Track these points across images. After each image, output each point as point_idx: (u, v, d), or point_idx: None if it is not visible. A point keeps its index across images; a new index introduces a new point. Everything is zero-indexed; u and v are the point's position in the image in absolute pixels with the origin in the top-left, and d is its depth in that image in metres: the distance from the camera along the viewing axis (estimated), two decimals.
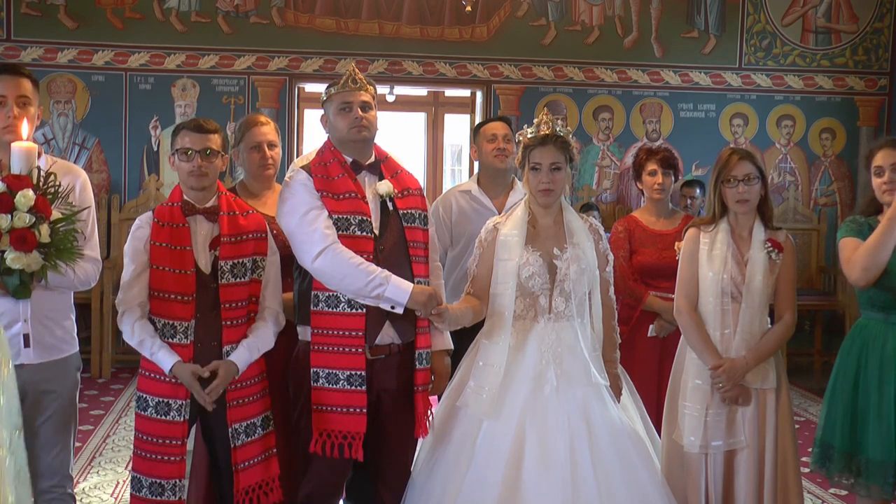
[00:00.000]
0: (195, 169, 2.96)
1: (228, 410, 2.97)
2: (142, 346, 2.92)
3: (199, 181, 2.98)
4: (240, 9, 7.30)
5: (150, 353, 2.91)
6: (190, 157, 2.96)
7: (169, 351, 2.89)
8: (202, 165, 2.96)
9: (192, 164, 2.96)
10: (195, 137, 2.97)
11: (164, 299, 2.93)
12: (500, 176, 4.17)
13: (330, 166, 3.08)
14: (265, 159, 3.42)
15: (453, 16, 7.48)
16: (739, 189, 3.24)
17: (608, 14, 7.65)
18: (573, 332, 3.13)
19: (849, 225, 3.32)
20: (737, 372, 3.20)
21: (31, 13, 7.10)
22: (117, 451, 5.08)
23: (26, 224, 2.58)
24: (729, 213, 3.32)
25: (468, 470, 3.00)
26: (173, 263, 2.93)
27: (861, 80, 7.88)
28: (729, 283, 3.25)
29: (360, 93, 3.10)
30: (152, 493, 2.91)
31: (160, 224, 2.96)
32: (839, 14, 7.85)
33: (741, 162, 3.26)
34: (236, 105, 7.33)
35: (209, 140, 2.99)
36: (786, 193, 7.83)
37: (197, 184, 2.98)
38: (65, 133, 7.20)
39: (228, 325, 2.96)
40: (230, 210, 3.03)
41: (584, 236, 3.21)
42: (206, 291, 2.95)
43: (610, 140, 7.72)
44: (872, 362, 3.19)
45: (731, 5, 7.74)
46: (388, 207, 3.11)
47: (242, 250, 3.00)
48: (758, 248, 3.27)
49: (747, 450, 3.23)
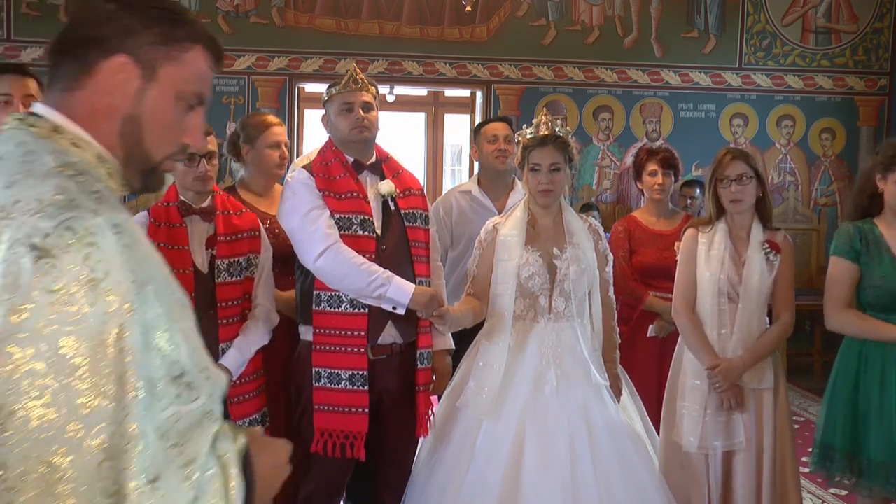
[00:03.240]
0: (202, 174, 2.98)
1: (230, 407, 2.98)
2: None
3: (204, 185, 3.00)
4: (240, 9, 7.30)
5: None
6: (196, 162, 2.97)
7: None
8: (209, 170, 2.99)
9: (200, 168, 2.98)
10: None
11: None
12: (500, 176, 4.17)
13: (331, 166, 3.09)
14: (284, 158, 3.49)
15: (453, 16, 7.48)
16: (732, 189, 3.24)
17: (608, 14, 7.66)
18: (573, 332, 3.13)
19: (841, 239, 3.25)
20: (733, 372, 3.20)
21: (31, 13, 7.10)
22: None
23: None
24: (726, 214, 3.32)
25: (468, 470, 3.00)
26: (171, 263, 2.91)
27: (861, 80, 7.88)
28: (726, 283, 3.25)
29: (362, 93, 3.10)
30: None
31: (157, 224, 2.96)
32: (839, 14, 7.85)
33: (734, 161, 3.26)
34: (236, 105, 7.34)
35: (210, 143, 3.01)
36: (786, 193, 7.83)
37: (203, 187, 3.00)
38: None
39: (224, 322, 2.97)
40: (225, 209, 3.04)
41: (583, 236, 3.21)
42: (204, 290, 2.96)
43: (610, 140, 7.72)
44: (873, 363, 3.18)
45: (731, 5, 7.74)
46: (389, 207, 3.12)
47: (238, 249, 3.01)
48: (755, 248, 3.27)
49: (745, 450, 3.23)
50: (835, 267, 3.22)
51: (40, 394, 1.07)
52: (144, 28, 1.32)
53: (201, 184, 2.99)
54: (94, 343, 1.10)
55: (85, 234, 1.13)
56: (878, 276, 3.15)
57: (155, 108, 1.34)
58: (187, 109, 1.37)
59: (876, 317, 3.19)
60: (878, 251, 3.17)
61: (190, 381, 1.21)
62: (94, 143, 1.31)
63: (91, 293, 1.10)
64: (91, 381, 1.09)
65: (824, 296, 3.26)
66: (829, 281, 3.25)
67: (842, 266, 3.20)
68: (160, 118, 1.34)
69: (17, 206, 1.16)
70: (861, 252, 3.18)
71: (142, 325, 1.15)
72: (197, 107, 1.39)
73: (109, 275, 1.13)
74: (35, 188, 1.18)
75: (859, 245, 3.18)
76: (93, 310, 1.10)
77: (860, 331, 3.17)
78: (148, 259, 1.22)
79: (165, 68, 1.33)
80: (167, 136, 1.37)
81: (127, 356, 1.11)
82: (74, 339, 1.08)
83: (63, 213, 1.14)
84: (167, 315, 1.20)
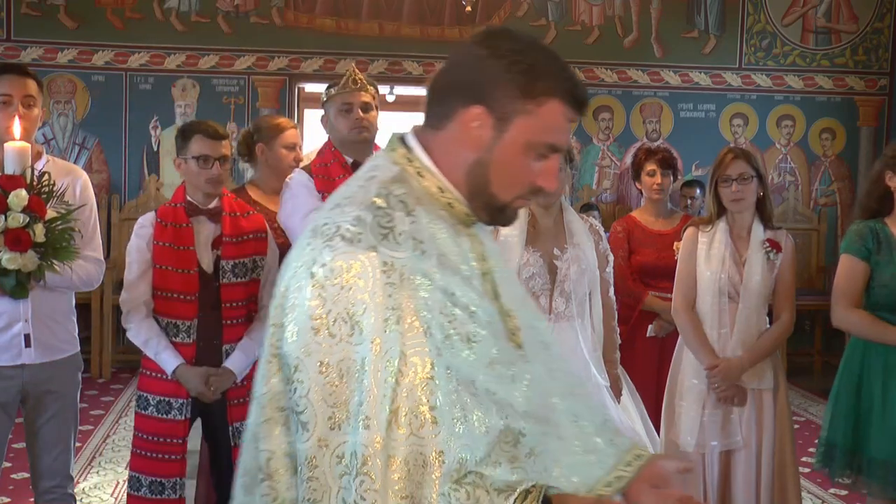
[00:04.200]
0: (215, 177, 2.99)
1: (229, 409, 2.98)
2: (147, 345, 2.93)
3: (216, 187, 3.02)
4: (240, 9, 7.30)
5: (154, 352, 2.92)
6: (209, 165, 2.97)
7: (173, 353, 2.91)
8: (222, 173, 3.01)
9: (213, 171, 2.99)
10: (214, 144, 2.99)
11: (167, 298, 2.94)
12: None
13: (331, 167, 3.09)
14: (298, 160, 3.53)
15: (453, 16, 7.48)
16: (734, 188, 3.24)
17: (608, 14, 7.65)
18: (573, 332, 3.13)
19: (851, 237, 3.24)
20: (733, 372, 3.20)
21: (31, 13, 7.09)
22: (117, 451, 5.08)
23: (20, 224, 2.58)
24: (727, 213, 3.32)
25: None
26: (177, 263, 2.95)
27: (861, 80, 7.88)
28: (726, 282, 3.25)
29: (361, 93, 3.10)
30: (152, 492, 2.92)
31: (163, 224, 2.98)
32: (839, 14, 7.85)
33: (735, 161, 3.26)
34: (236, 105, 7.33)
35: (224, 146, 3.02)
36: (786, 193, 7.83)
37: (215, 190, 3.02)
38: (65, 133, 7.20)
39: (229, 324, 2.98)
40: (232, 211, 3.05)
41: (584, 236, 3.21)
42: (209, 291, 2.97)
43: (610, 140, 7.72)
44: (876, 362, 3.18)
45: (731, 5, 7.74)
46: None
47: (243, 250, 3.01)
48: (756, 248, 3.27)
49: (744, 450, 3.23)
50: (846, 265, 3.21)
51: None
52: (506, 80, 1.40)
53: (213, 186, 3.01)
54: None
55: (348, 268, 1.30)
56: (888, 276, 3.14)
57: (503, 157, 1.42)
58: (538, 158, 1.43)
59: (883, 317, 3.17)
60: (889, 251, 3.16)
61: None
62: (439, 176, 1.45)
63: (346, 326, 1.29)
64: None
65: (832, 292, 3.25)
66: (838, 278, 3.24)
67: (853, 264, 3.19)
68: (507, 166, 1.43)
69: (322, 228, 1.35)
70: (872, 252, 3.17)
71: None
72: (550, 154, 1.45)
73: (367, 311, 1.27)
74: (342, 216, 1.35)
75: (872, 245, 3.18)
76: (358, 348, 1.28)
77: (866, 333, 3.16)
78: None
79: (518, 120, 1.40)
80: (514, 182, 1.45)
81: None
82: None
83: (345, 246, 1.31)
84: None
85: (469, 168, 1.43)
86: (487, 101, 1.40)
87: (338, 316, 1.29)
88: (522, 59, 1.40)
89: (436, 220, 1.40)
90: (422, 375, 1.28)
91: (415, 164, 1.45)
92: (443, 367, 1.29)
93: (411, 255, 1.33)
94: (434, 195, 1.43)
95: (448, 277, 1.34)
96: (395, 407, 1.26)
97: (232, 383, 2.96)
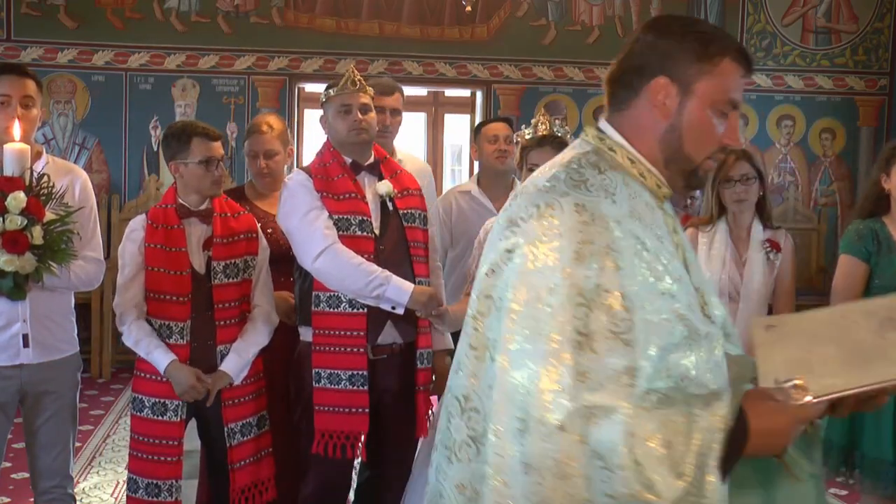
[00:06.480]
0: (219, 178, 3.01)
1: (224, 410, 2.98)
2: (138, 346, 2.93)
3: (219, 189, 3.05)
4: (240, 9, 7.30)
5: (146, 352, 2.92)
6: (213, 167, 2.99)
7: (164, 351, 2.90)
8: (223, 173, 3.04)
9: (217, 172, 3.01)
10: (214, 146, 3.01)
11: (160, 300, 2.94)
12: (500, 177, 4.16)
13: (329, 167, 3.09)
14: (261, 168, 3.46)
15: (453, 16, 7.48)
16: (737, 189, 3.24)
17: (608, 14, 7.65)
18: None
19: (851, 237, 3.25)
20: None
21: (31, 13, 7.10)
22: (117, 451, 5.08)
23: (18, 226, 2.58)
24: (727, 214, 3.32)
25: None
26: (169, 265, 2.94)
27: (861, 80, 7.88)
28: (727, 283, 3.25)
29: (360, 94, 3.10)
30: (149, 494, 2.92)
31: (154, 226, 2.98)
32: (839, 14, 7.85)
33: (738, 162, 3.26)
34: (236, 105, 7.34)
35: (221, 146, 3.05)
36: (786, 193, 7.83)
37: (218, 191, 3.04)
38: (65, 133, 7.20)
39: (222, 324, 2.97)
40: (222, 212, 3.05)
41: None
42: (201, 292, 2.96)
43: None
44: None
45: (731, 5, 7.74)
46: (388, 207, 3.12)
47: (234, 251, 3.02)
48: (756, 248, 3.27)
49: None
50: (845, 265, 3.21)
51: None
52: (680, 51, 1.56)
53: (217, 188, 3.03)
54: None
55: (546, 208, 1.47)
56: (889, 275, 3.15)
57: (692, 119, 1.57)
58: (721, 115, 1.58)
59: None
60: (889, 251, 3.17)
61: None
62: (629, 148, 1.60)
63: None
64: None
65: (831, 292, 3.25)
66: (837, 278, 3.24)
67: (853, 265, 3.19)
68: (697, 127, 1.57)
69: (522, 188, 1.60)
70: (872, 252, 3.18)
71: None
72: (731, 111, 1.59)
73: (562, 246, 1.42)
74: (538, 179, 1.56)
75: (872, 245, 3.18)
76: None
77: None
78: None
79: (700, 83, 1.56)
80: (704, 141, 1.59)
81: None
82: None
83: (539, 194, 1.51)
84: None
85: (662, 136, 1.58)
86: (668, 72, 1.56)
87: (538, 251, 1.45)
88: (690, 29, 1.58)
89: (631, 182, 1.55)
90: (616, 306, 1.40)
91: (606, 141, 1.61)
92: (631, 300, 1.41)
93: (603, 200, 1.47)
94: (626, 166, 1.58)
95: (638, 227, 1.47)
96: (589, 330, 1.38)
97: (226, 384, 2.96)
